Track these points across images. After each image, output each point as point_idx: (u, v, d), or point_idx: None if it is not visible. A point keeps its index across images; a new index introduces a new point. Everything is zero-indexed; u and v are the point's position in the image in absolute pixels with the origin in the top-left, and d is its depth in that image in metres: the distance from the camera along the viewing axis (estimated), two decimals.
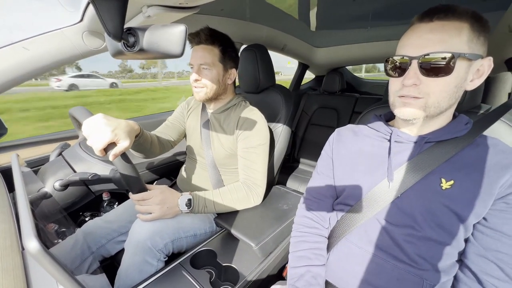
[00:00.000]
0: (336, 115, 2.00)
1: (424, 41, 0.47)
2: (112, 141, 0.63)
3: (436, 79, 0.47)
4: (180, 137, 1.07)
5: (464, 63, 0.47)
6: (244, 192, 0.87)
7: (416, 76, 0.48)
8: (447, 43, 0.46)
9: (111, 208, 1.07)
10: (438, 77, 0.47)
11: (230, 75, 0.94)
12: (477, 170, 0.48)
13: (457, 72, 0.46)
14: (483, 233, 0.48)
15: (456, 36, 0.46)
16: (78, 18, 0.71)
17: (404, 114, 0.51)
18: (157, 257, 0.73)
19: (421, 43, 0.47)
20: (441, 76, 0.46)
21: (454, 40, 0.45)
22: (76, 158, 1.00)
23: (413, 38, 0.49)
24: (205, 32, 0.86)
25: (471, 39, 0.46)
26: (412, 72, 0.48)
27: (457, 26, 0.46)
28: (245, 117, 0.90)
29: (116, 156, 0.64)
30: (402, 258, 0.51)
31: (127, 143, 0.65)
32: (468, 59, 0.46)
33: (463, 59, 0.46)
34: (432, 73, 0.47)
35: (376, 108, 0.78)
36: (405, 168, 0.53)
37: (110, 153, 0.63)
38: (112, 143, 0.63)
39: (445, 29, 0.46)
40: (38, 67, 0.76)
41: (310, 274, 0.58)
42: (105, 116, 0.65)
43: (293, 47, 1.84)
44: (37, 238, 0.34)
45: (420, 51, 0.47)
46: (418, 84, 0.48)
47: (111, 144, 0.63)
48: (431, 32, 0.47)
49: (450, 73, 0.46)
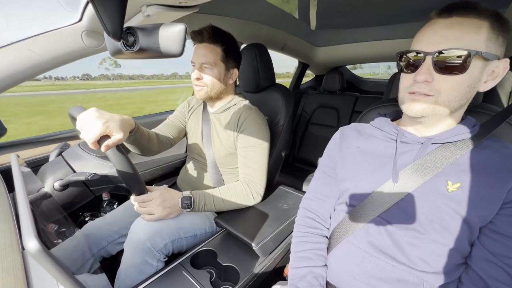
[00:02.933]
0: (336, 114, 2.00)
1: (440, 37, 0.46)
2: (105, 133, 0.62)
3: (449, 77, 0.46)
4: (179, 135, 1.06)
5: (480, 62, 0.45)
6: (243, 191, 0.87)
7: (429, 72, 0.47)
8: (464, 40, 0.44)
9: (111, 208, 1.07)
10: (452, 75, 0.45)
11: (231, 75, 0.94)
12: (484, 173, 0.47)
13: (471, 71, 0.45)
14: (490, 238, 0.47)
15: (474, 33, 0.44)
16: (77, 18, 0.71)
17: (412, 111, 0.50)
18: (156, 258, 0.73)
19: (437, 40, 0.46)
20: (455, 74, 0.45)
21: (472, 38, 0.44)
22: (75, 158, 1.00)
23: (429, 33, 0.48)
24: (208, 31, 0.85)
25: (489, 38, 0.45)
26: (425, 68, 0.47)
27: (476, 23, 0.44)
28: (245, 117, 0.90)
29: (109, 147, 0.63)
30: (402, 260, 0.50)
31: (120, 136, 0.64)
32: (484, 59, 0.45)
33: (479, 58, 0.45)
34: (446, 70, 0.45)
35: (377, 107, 0.77)
36: (411, 169, 0.52)
37: (103, 145, 0.62)
38: (106, 136, 0.63)
39: (463, 26, 0.44)
40: (37, 67, 0.75)
41: (312, 274, 0.58)
42: (98, 109, 0.64)
43: (293, 46, 1.84)
44: (37, 238, 0.34)
45: (435, 47, 0.46)
46: (430, 81, 0.47)
47: (104, 136, 0.62)
48: (448, 28, 0.45)
49: (464, 72, 0.44)
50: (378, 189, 0.55)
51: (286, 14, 1.35)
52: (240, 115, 0.91)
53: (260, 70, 1.10)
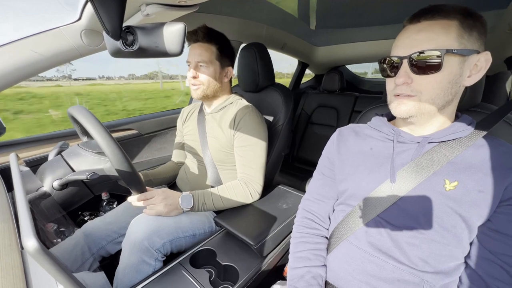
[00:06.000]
0: (336, 114, 2.00)
1: (412, 41, 0.48)
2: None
3: (426, 76, 0.48)
4: None
5: (455, 59, 0.47)
6: (242, 189, 0.88)
7: (406, 74, 0.49)
8: (435, 41, 0.46)
9: (110, 207, 1.07)
10: (428, 75, 0.47)
11: (226, 73, 0.96)
12: (481, 172, 0.47)
13: (448, 68, 0.47)
14: (489, 236, 0.47)
15: (443, 34, 0.46)
16: (76, 17, 0.71)
17: (399, 112, 0.52)
18: (154, 257, 0.73)
19: (410, 43, 0.49)
20: (431, 73, 0.47)
21: (442, 38, 0.46)
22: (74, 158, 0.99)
23: (402, 39, 0.51)
24: (202, 30, 0.88)
25: (461, 35, 0.46)
26: (403, 71, 0.49)
27: (445, 24, 0.46)
28: (242, 115, 0.91)
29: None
30: (402, 260, 0.50)
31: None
32: (459, 55, 0.46)
33: (452, 55, 0.46)
34: (422, 70, 0.47)
35: (376, 107, 0.77)
36: (408, 169, 0.52)
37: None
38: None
39: (432, 28, 0.47)
40: (36, 66, 0.75)
41: (310, 274, 0.58)
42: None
43: (293, 45, 1.84)
44: (36, 237, 0.34)
45: (409, 50, 0.48)
46: (410, 82, 0.49)
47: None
48: (418, 32, 0.48)
49: (440, 70, 0.46)
50: (376, 189, 0.55)
51: (286, 14, 1.35)
52: (236, 113, 0.92)
53: (259, 69, 1.10)
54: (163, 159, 1.42)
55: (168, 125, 1.51)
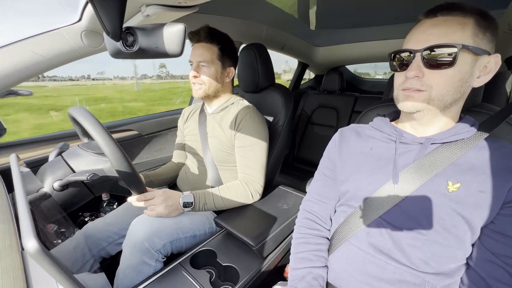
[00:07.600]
0: (336, 114, 2.00)
1: (428, 35, 0.48)
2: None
3: (439, 71, 0.47)
4: None
5: (468, 56, 0.46)
6: (242, 190, 0.88)
7: (418, 68, 0.48)
8: (450, 36, 0.46)
9: (110, 208, 1.07)
10: (441, 69, 0.47)
11: (228, 73, 0.96)
12: (484, 173, 0.47)
13: (460, 65, 0.46)
14: (492, 238, 0.46)
15: (460, 30, 0.46)
16: (76, 18, 0.71)
17: (407, 107, 0.51)
18: (155, 258, 0.73)
19: (424, 38, 0.48)
20: (444, 69, 0.46)
21: (457, 34, 0.46)
22: (75, 158, 0.99)
23: (417, 33, 0.50)
24: (204, 31, 0.89)
25: (476, 34, 0.46)
26: (415, 65, 0.48)
27: (461, 21, 0.46)
28: (243, 116, 0.91)
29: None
30: (404, 262, 0.50)
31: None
32: (473, 53, 0.46)
33: (467, 51, 0.46)
34: (435, 65, 0.47)
35: (376, 107, 0.77)
36: (411, 170, 0.52)
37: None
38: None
39: (448, 24, 0.46)
40: (37, 67, 0.75)
41: (311, 275, 0.58)
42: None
43: (293, 46, 1.84)
44: (37, 238, 0.34)
45: (423, 44, 0.47)
46: (421, 76, 0.48)
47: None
48: (434, 26, 0.47)
49: (453, 66, 0.46)
50: (378, 190, 0.54)
51: (286, 14, 1.35)
52: (237, 114, 0.92)
53: (259, 70, 1.10)
54: (163, 159, 1.42)
55: (169, 125, 1.51)
